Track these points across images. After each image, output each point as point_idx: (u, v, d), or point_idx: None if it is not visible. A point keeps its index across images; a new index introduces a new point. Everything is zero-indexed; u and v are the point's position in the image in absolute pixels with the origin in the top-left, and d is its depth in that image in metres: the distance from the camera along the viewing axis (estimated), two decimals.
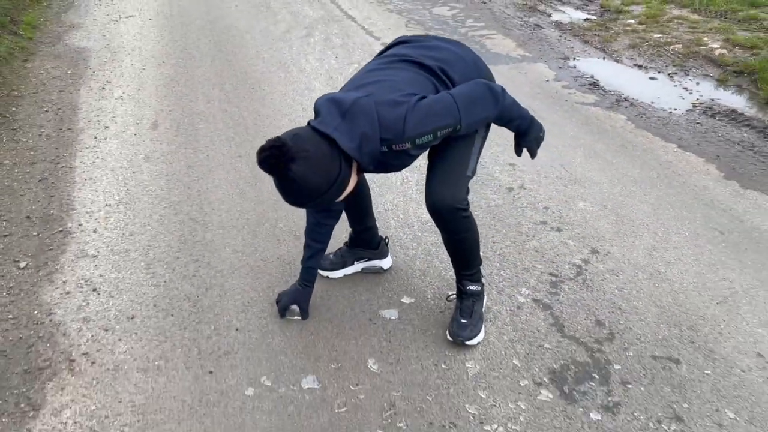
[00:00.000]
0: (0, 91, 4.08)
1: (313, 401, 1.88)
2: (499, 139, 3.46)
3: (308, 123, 1.75)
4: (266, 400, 1.88)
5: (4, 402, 1.86)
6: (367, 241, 2.39)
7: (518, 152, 2.03)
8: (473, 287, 2.10)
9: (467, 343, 2.06)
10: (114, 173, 3.15)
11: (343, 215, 2.35)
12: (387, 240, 2.45)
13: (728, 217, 2.86)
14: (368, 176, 2.62)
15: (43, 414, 1.83)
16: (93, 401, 1.88)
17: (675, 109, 4.04)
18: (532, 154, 2.03)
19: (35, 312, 2.22)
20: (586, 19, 6.02)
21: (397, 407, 1.86)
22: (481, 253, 2.15)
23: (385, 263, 2.44)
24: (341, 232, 2.50)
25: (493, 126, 2.02)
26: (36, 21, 5.65)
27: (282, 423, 1.81)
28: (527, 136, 1.97)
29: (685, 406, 1.87)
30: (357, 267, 2.43)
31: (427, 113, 1.73)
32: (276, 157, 1.59)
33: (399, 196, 2.96)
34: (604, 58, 5.00)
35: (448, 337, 2.09)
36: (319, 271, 2.40)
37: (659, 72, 4.69)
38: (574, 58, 4.96)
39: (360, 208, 2.33)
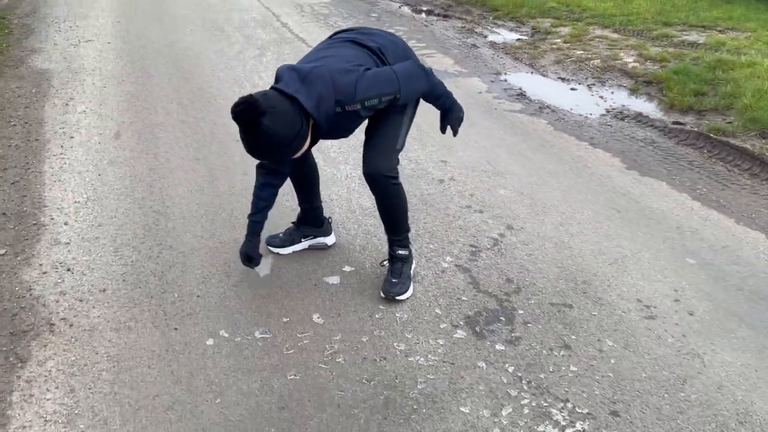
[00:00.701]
0: None
1: (265, 346, 2.21)
2: (433, 140, 3.89)
3: (272, 87, 2.10)
4: (224, 347, 2.21)
5: None
6: (313, 219, 2.75)
7: (443, 129, 2.45)
8: (402, 252, 2.48)
9: (397, 298, 2.43)
10: (81, 176, 3.44)
11: (291, 193, 2.71)
12: (330, 219, 2.82)
13: (626, 199, 3.31)
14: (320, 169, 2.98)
15: (30, 365, 2.12)
16: (73, 354, 2.17)
17: (590, 114, 4.54)
18: (455, 132, 2.45)
19: (16, 288, 2.50)
20: (518, 39, 6.57)
21: (336, 348, 2.21)
22: (413, 231, 2.56)
23: (329, 240, 2.80)
24: (291, 215, 2.86)
25: (428, 129, 2.42)
26: None
27: (238, 363, 2.14)
28: (451, 113, 2.40)
29: (573, 337, 2.28)
30: (304, 244, 2.78)
31: (374, 81, 2.13)
32: (249, 112, 1.93)
33: (343, 188, 3.33)
34: (531, 73, 5.51)
35: (382, 294, 2.45)
36: (270, 248, 2.74)
37: (579, 83, 5.22)
38: (505, 73, 5.46)
39: (310, 189, 2.69)
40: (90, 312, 2.38)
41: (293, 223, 2.79)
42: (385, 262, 2.57)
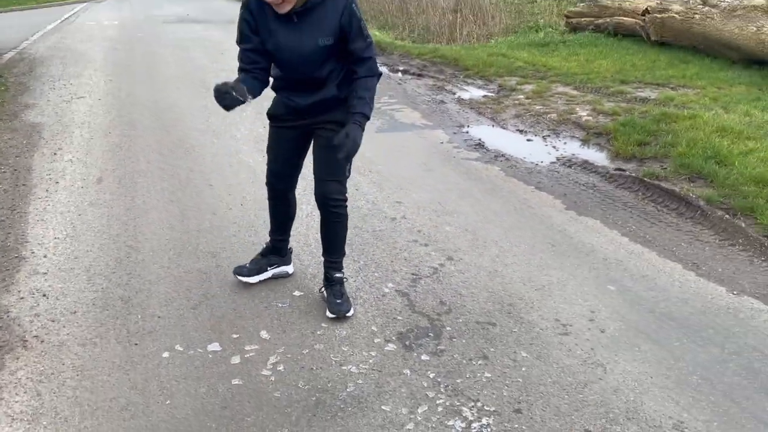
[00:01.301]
0: None
1: (214, 358, 2.47)
2: (391, 184, 4.22)
3: None
4: (178, 358, 2.47)
5: None
6: (279, 250, 3.03)
7: (339, 139, 2.49)
8: (338, 275, 2.78)
9: (347, 315, 2.71)
10: (62, 215, 3.75)
11: (254, 228, 3.00)
12: (291, 249, 3.11)
13: (562, 236, 3.62)
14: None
15: (2, 373, 2.37)
16: (42, 365, 2.42)
17: (541, 162, 4.90)
18: (348, 154, 2.50)
19: None
20: (484, 96, 7.02)
21: (279, 359, 2.47)
22: (361, 262, 2.85)
23: (290, 269, 3.09)
24: (255, 248, 3.15)
25: (387, 174, 2.74)
26: None
27: (189, 372, 2.39)
28: (355, 123, 2.50)
29: (492, 350, 2.54)
30: (269, 273, 3.04)
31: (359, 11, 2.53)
32: None
33: (303, 226, 3.63)
34: (492, 126, 5.92)
35: (330, 315, 2.72)
36: (239, 277, 2.97)
37: (536, 135, 5.61)
38: (468, 126, 5.86)
39: (287, 223, 3.00)
40: (60, 331, 2.64)
41: (260, 254, 3.06)
42: (321, 289, 2.86)
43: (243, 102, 2.45)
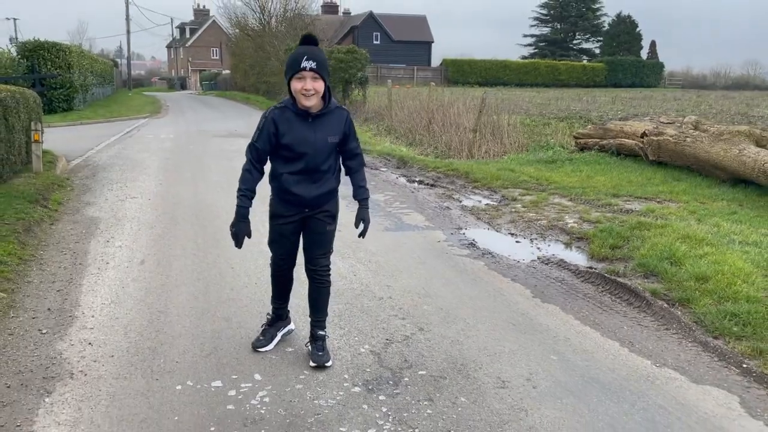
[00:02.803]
0: (32, 241, 5.61)
1: (216, 391, 3.14)
2: (385, 271, 4.94)
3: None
4: (188, 390, 3.14)
5: (32, 389, 3.11)
6: (281, 315, 3.73)
7: (357, 223, 3.47)
8: (321, 332, 3.46)
9: (326, 365, 3.36)
10: (109, 287, 4.56)
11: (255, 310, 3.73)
12: (289, 311, 3.80)
13: (523, 317, 4.24)
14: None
15: (53, 395, 3.07)
16: (84, 390, 3.12)
17: (523, 260, 5.57)
18: (365, 230, 3.48)
19: (51, 353, 3.51)
20: (486, 204, 7.81)
21: (266, 394, 3.12)
22: (345, 329, 3.51)
23: (292, 326, 3.78)
24: (259, 318, 3.86)
25: (383, 263, 3.50)
26: (61, 199, 7.39)
27: (194, 399, 3.05)
28: (364, 208, 3.47)
29: (437, 395, 3.14)
30: (279, 336, 3.71)
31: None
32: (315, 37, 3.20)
33: (300, 299, 4.34)
34: (488, 229, 6.66)
35: (312, 364, 3.38)
36: (259, 349, 3.59)
37: (524, 238, 6.31)
38: (465, 228, 6.61)
39: (287, 293, 3.70)
40: (100, 368, 3.36)
41: (267, 325, 3.73)
42: (307, 343, 3.53)
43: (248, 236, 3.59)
